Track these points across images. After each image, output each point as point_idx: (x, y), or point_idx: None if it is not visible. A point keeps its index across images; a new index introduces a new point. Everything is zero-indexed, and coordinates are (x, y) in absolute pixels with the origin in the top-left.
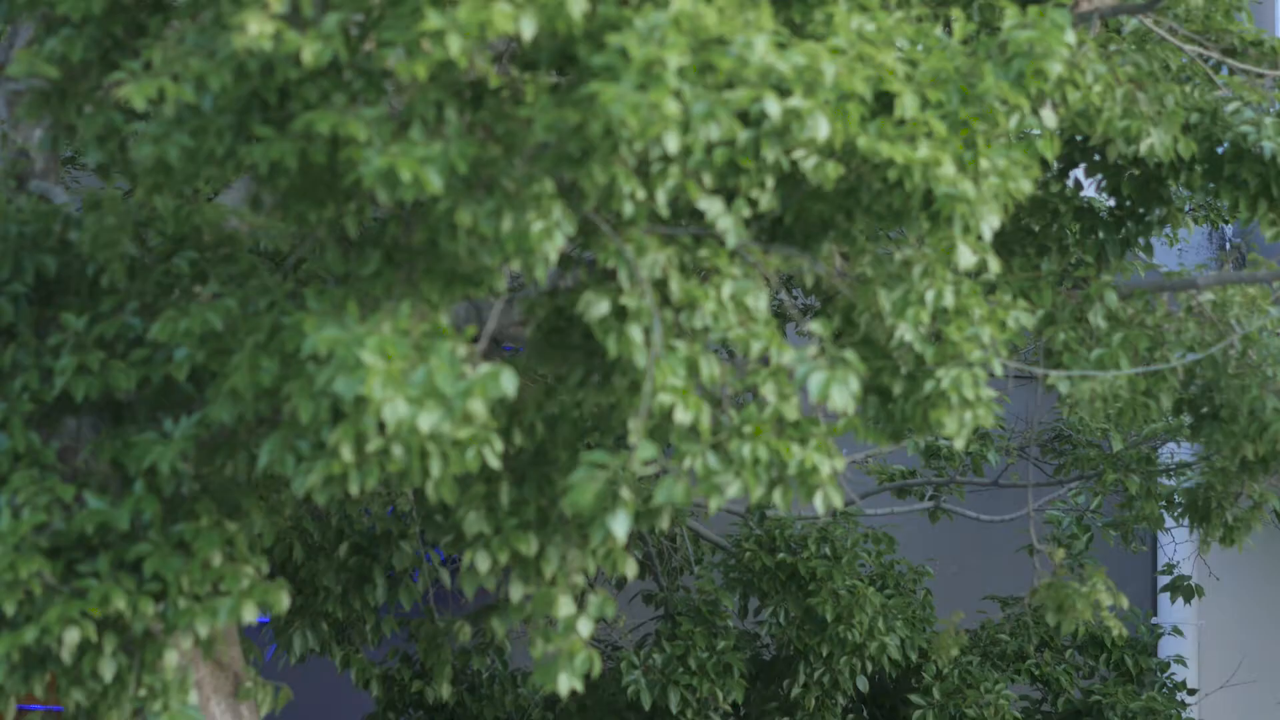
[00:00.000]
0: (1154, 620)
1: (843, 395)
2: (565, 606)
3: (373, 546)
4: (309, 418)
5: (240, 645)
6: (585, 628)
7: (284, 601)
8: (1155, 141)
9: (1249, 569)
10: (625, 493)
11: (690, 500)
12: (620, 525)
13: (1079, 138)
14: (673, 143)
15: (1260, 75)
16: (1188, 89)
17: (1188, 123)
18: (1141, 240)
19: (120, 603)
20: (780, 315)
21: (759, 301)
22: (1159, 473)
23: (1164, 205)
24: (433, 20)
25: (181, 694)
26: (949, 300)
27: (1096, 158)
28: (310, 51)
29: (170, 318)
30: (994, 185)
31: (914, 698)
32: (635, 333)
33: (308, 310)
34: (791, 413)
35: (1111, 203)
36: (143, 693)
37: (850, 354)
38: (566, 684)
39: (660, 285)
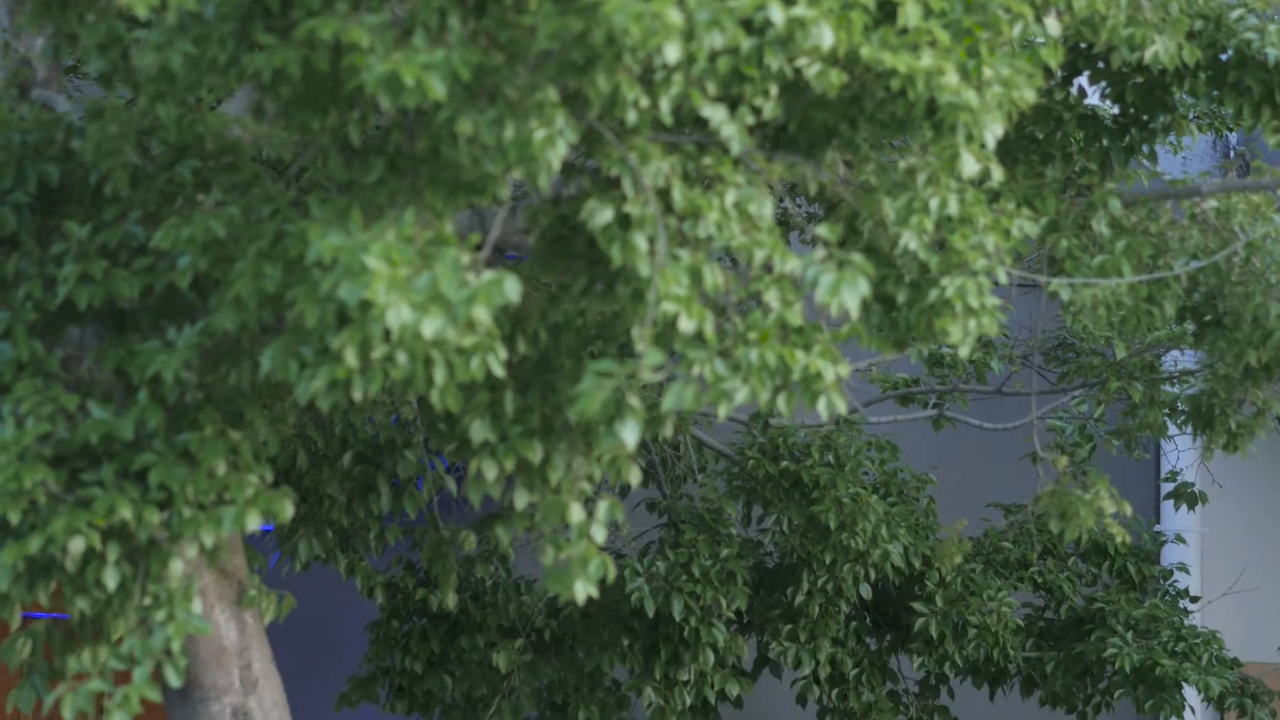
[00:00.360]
0: (1157, 528)
1: (853, 296)
2: (576, 513)
3: (377, 455)
4: (314, 322)
5: (244, 554)
6: (598, 533)
7: (288, 510)
8: (1159, 48)
9: (1252, 476)
10: (633, 400)
11: (700, 405)
12: (630, 433)
13: (1083, 45)
14: (674, 52)
15: None
16: None
17: (1192, 29)
18: (1145, 148)
19: (125, 512)
20: (784, 224)
21: (763, 209)
22: (1162, 380)
23: (1168, 112)
24: None
25: (186, 602)
26: (953, 208)
27: (1100, 65)
28: None
29: (173, 226)
30: (997, 94)
31: (917, 605)
32: (639, 241)
33: (311, 218)
34: (795, 319)
35: (1115, 110)
36: (147, 601)
37: (857, 257)
38: (583, 590)
39: (664, 194)
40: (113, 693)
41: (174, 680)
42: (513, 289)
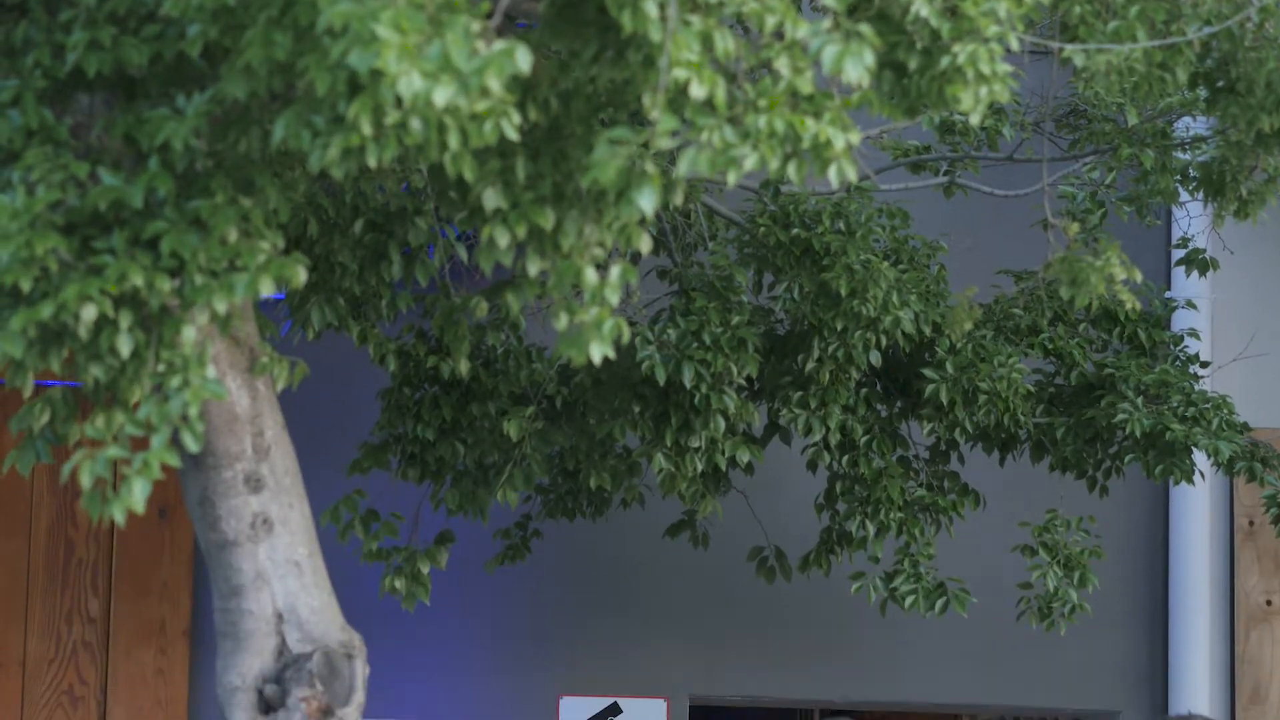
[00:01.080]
0: (1167, 294)
1: (856, 68)
2: (589, 277)
3: (388, 223)
4: (325, 90)
5: (255, 321)
6: (613, 296)
7: (301, 275)
8: None
9: (1262, 242)
10: (649, 167)
11: (714, 171)
12: (647, 200)
13: None
14: None
15: None
16: None
17: None
18: None
19: (137, 279)
20: None
21: None
22: (1174, 146)
23: None
24: None
25: (201, 369)
26: None
27: None
28: None
29: None
30: None
31: (927, 372)
32: (650, 7)
33: None
34: (806, 86)
35: None
36: (161, 368)
37: (865, 28)
38: (598, 352)
39: None
40: (130, 459)
41: (192, 446)
42: (524, 59)
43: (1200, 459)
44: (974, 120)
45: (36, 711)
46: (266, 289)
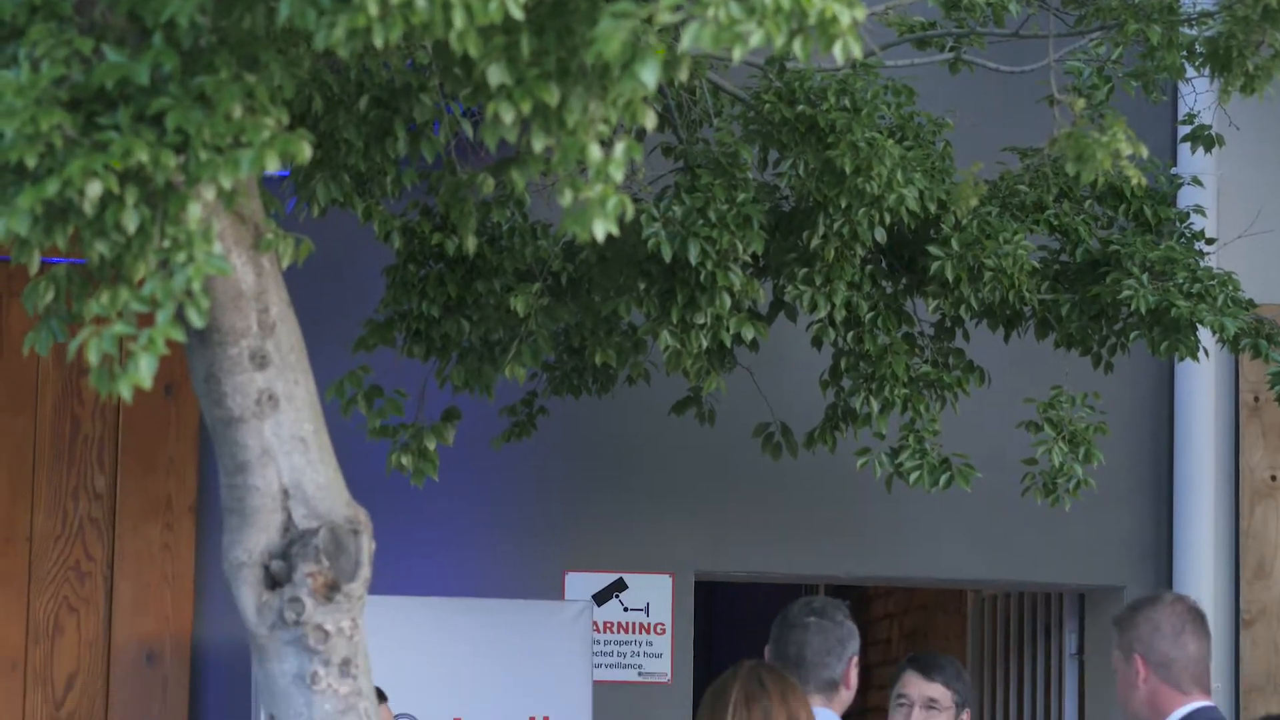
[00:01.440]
0: (1173, 170)
1: None
2: (593, 153)
3: (393, 99)
4: None
5: (260, 198)
6: (617, 172)
7: (306, 151)
8: None
9: (1269, 118)
10: (653, 40)
11: (718, 46)
12: (650, 74)
13: None
14: None
15: None
16: None
17: None
18: None
19: (142, 155)
20: None
21: None
22: (1181, 22)
23: None
24: None
25: (206, 244)
26: None
27: None
28: None
29: None
30: None
31: (932, 248)
32: None
33: None
34: None
35: None
36: (166, 244)
37: None
38: (601, 229)
39: None
40: (136, 335)
41: (196, 321)
42: None
43: (1205, 335)
44: None
45: (43, 587)
46: (271, 165)
